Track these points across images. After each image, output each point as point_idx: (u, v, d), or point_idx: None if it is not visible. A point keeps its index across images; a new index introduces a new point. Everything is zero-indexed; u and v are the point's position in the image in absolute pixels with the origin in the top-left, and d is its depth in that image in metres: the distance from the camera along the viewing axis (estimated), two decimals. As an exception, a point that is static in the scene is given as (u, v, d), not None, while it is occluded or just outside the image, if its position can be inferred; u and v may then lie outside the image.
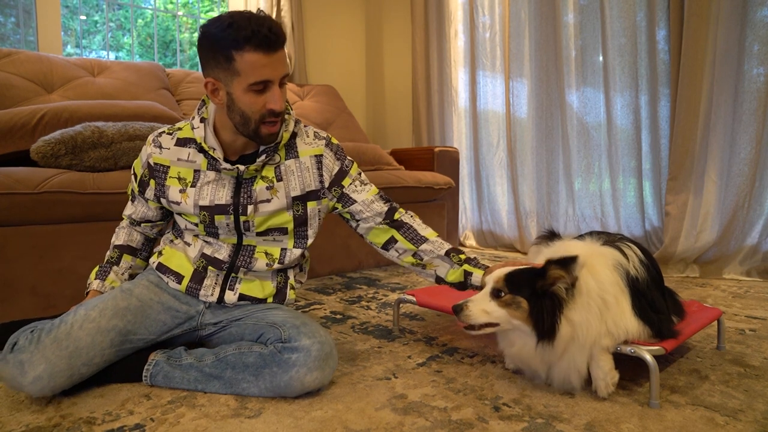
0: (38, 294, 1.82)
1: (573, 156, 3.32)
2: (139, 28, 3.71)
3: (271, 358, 1.21)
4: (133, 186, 1.44)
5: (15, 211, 1.76)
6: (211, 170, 1.32)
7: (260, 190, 1.33)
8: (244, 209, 1.32)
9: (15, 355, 1.16)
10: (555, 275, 1.16)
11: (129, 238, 1.50)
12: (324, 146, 1.40)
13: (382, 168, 3.14)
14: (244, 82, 1.18)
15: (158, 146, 1.35)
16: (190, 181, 1.32)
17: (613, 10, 3.03)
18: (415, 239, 1.43)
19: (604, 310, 1.18)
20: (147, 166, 1.36)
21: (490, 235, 3.85)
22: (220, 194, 1.32)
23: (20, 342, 1.18)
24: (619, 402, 1.20)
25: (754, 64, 2.59)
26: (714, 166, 2.71)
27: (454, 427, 1.09)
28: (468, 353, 1.54)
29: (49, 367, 1.15)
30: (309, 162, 1.37)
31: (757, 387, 1.30)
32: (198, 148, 1.32)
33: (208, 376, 1.25)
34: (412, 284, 2.51)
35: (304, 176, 1.37)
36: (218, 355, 1.27)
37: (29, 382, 1.14)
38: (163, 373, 1.28)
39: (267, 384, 1.20)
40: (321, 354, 1.21)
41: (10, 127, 2.01)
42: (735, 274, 2.68)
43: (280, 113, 1.24)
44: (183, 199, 1.33)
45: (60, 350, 1.17)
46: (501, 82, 3.71)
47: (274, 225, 1.37)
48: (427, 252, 1.41)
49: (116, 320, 1.26)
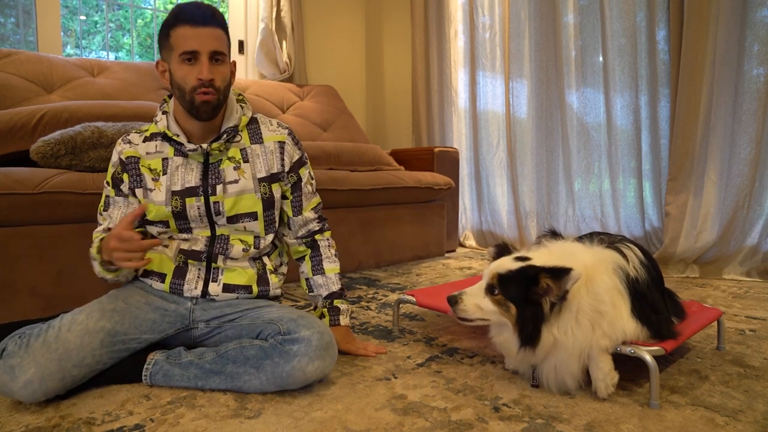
0: (38, 294, 1.82)
1: (573, 156, 3.32)
2: (139, 29, 3.71)
3: (272, 350, 1.23)
4: (106, 193, 1.44)
5: (15, 212, 1.76)
6: (178, 155, 1.38)
7: (228, 170, 1.40)
8: (213, 189, 1.38)
9: (5, 361, 1.16)
10: (544, 287, 1.15)
11: None
12: (287, 135, 1.50)
13: (382, 168, 3.14)
14: (176, 54, 1.29)
15: (127, 143, 1.41)
16: (160, 170, 1.38)
17: (613, 10, 3.03)
18: (316, 268, 1.55)
19: (599, 320, 1.17)
20: (119, 163, 1.40)
21: (490, 235, 3.85)
22: (189, 177, 1.38)
23: (9, 347, 1.18)
24: (619, 402, 1.20)
25: (754, 64, 2.59)
26: (714, 166, 2.71)
27: (453, 427, 1.09)
28: (468, 354, 1.54)
29: (39, 371, 1.15)
30: (273, 146, 1.46)
31: (757, 387, 1.29)
32: (163, 138, 1.39)
33: (208, 372, 1.26)
34: (412, 285, 2.51)
35: (268, 159, 1.45)
36: (218, 352, 1.28)
37: (20, 386, 1.14)
38: (163, 372, 1.28)
39: (269, 375, 1.22)
40: (321, 343, 1.23)
41: (10, 127, 2.01)
42: (735, 275, 2.68)
43: (210, 83, 1.29)
44: (157, 187, 1.37)
45: (50, 353, 1.17)
46: (501, 82, 3.71)
47: (242, 210, 1.41)
48: (316, 285, 1.55)
49: (104, 321, 1.27)
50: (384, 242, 2.99)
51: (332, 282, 1.54)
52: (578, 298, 1.16)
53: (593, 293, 1.18)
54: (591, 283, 1.19)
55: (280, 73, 3.76)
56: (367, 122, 4.54)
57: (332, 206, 2.55)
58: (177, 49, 1.29)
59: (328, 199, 2.20)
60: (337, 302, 1.53)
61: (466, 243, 3.97)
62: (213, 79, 1.29)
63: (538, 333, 1.15)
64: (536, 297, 1.16)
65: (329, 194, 2.53)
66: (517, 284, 1.18)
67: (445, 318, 1.92)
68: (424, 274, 2.80)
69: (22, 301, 1.79)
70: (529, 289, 1.17)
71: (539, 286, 1.15)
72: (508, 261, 1.24)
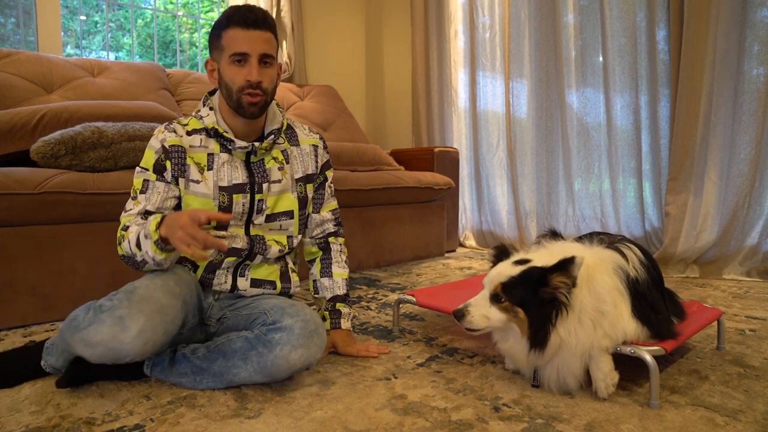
0: (38, 294, 1.82)
1: (573, 156, 3.33)
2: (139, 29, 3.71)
3: (256, 340, 1.23)
4: (145, 177, 1.35)
5: (15, 212, 1.76)
6: (224, 152, 1.39)
7: (273, 169, 1.44)
8: (259, 187, 1.41)
9: (111, 313, 1.12)
10: (557, 283, 1.15)
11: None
12: (318, 139, 1.58)
13: (382, 168, 3.14)
14: (227, 55, 1.32)
15: (172, 131, 1.38)
16: (205, 165, 1.38)
17: (613, 10, 3.03)
18: (324, 270, 1.59)
19: (600, 319, 1.18)
20: (162, 150, 1.36)
21: (490, 235, 3.85)
22: (236, 174, 1.39)
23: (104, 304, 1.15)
24: (619, 402, 1.20)
25: (753, 64, 2.59)
26: (714, 166, 2.71)
27: (453, 427, 1.09)
28: (468, 354, 1.54)
29: (149, 320, 1.13)
30: (308, 149, 1.53)
31: (757, 387, 1.30)
32: (208, 134, 1.39)
33: (198, 369, 1.27)
34: (412, 285, 2.51)
35: (305, 161, 1.52)
36: (209, 347, 1.30)
37: (133, 335, 1.10)
38: (161, 367, 1.30)
39: (255, 366, 1.22)
40: (304, 331, 1.22)
41: (10, 127, 2.01)
42: (735, 275, 2.68)
43: (257, 85, 1.32)
44: (203, 180, 1.37)
45: (151, 305, 1.16)
46: (501, 82, 3.71)
47: (281, 209, 1.46)
48: (321, 287, 1.58)
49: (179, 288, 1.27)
50: (384, 242, 2.99)
51: (338, 286, 1.57)
52: (580, 298, 1.16)
53: (595, 293, 1.18)
54: (592, 283, 1.19)
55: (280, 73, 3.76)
56: (367, 122, 4.54)
57: (332, 206, 2.55)
58: (228, 50, 1.31)
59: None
60: (339, 305, 1.55)
61: (466, 243, 3.97)
62: (261, 81, 1.32)
63: (547, 335, 1.15)
64: (548, 296, 1.15)
65: (329, 194, 2.53)
66: (523, 288, 1.18)
67: (445, 318, 1.92)
68: (424, 274, 2.80)
69: (22, 301, 1.79)
70: (536, 291, 1.16)
71: (551, 285, 1.15)
72: (507, 267, 1.23)
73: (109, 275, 1.96)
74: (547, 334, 1.15)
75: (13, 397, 1.23)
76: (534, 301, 1.16)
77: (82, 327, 1.13)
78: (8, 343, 1.62)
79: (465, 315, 1.22)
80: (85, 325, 1.12)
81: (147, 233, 1.22)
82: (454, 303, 1.62)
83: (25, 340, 1.65)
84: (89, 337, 1.11)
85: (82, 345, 1.12)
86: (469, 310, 1.23)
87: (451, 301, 1.66)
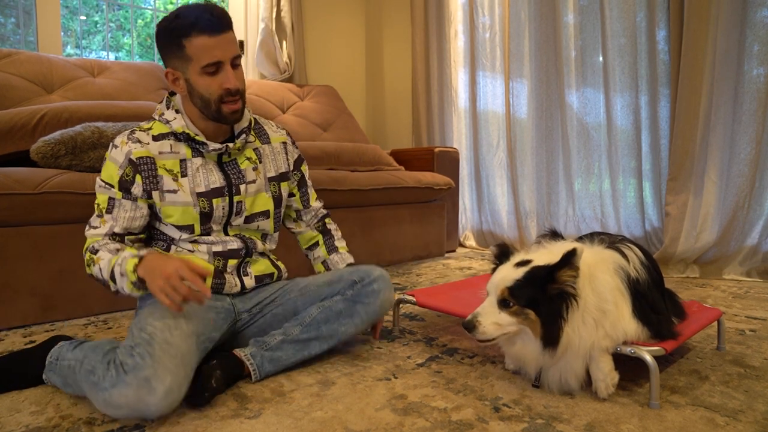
0: (38, 295, 1.82)
1: (573, 156, 3.32)
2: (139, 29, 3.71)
3: (359, 296, 1.44)
4: (109, 195, 1.31)
5: (15, 212, 1.76)
6: (196, 156, 1.35)
7: (248, 170, 1.42)
8: (237, 189, 1.39)
9: (135, 374, 1.04)
10: (565, 277, 1.14)
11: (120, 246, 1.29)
12: (286, 135, 1.57)
13: (382, 168, 3.14)
14: (197, 66, 1.25)
15: (136, 141, 1.31)
16: (179, 172, 1.33)
17: (613, 10, 3.03)
18: (330, 248, 1.67)
19: (602, 319, 1.17)
20: (129, 164, 1.29)
21: (490, 235, 3.85)
22: (212, 178, 1.36)
23: (127, 361, 1.07)
24: (619, 402, 1.20)
25: (754, 64, 2.59)
26: (714, 166, 2.71)
27: (454, 427, 1.09)
28: (468, 354, 1.54)
29: (175, 379, 1.07)
30: (279, 147, 1.52)
31: (758, 387, 1.29)
32: (177, 138, 1.34)
33: (306, 341, 1.38)
34: (412, 285, 2.51)
35: (276, 159, 1.51)
36: (303, 323, 1.40)
37: (160, 397, 1.04)
38: (268, 359, 1.33)
39: (363, 316, 1.44)
40: (386, 276, 1.51)
41: (10, 127, 2.01)
42: (735, 275, 2.68)
43: (237, 91, 1.29)
44: (179, 188, 1.32)
45: (174, 358, 1.09)
46: (501, 82, 3.71)
47: (258, 209, 1.45)
48: (333, 263, 1.66)
49: (190, 325, 1.22)
50: (384, 242, 2.99)
51: (347, 257, 1.67)
52: (583, 297, 1.16)
53: (597, 292, 1.18)
54: (594, 282, 1.19)
55: (280, 73, 3.76)
56: (367, 122, 4.54)
57: (332, 206, 2.54)
58: (198, 61, 1.24)
59: (328, 199, 2.20)
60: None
61: (466, 243, 3.97)
62: (238, 86, 1.29)
63: (561, 330, 1.14)
64: (555, 292, 1.15)
65: (329, 194, 2.53)
66: (530, 288, 1.17)
67: (446, 318, 1.92)
68: (424, 274, 2.80)
69: (21, 301, 1.79)
70: (544, 289, 1.16)
71: (559, 281, 1.15)
72: (511, 270, 1.21)
73: (109, 275, 1.96)
74: (560, 330, 1.14)
75: (13, 398, 1.23)
76: (543, 299, 1.16)
77: (104, 387, 1.06)
78: (8, 343, 1.62)
79: (476, 326, 1.19)
80: (107, 386, 1.06)
81: (123, 272, 1.19)
82: (454, 303, 1.63)
83: (24, 340, 1.65)
84: (113, 399, 1.05)
85: (104, 405, 1.07)
86: (479, 320, 1.19)
87: (451, 302, 1.66)
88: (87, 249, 1.29)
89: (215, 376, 1.20)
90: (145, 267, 1.16)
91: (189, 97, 1.32)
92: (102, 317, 1.93)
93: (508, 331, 1.20)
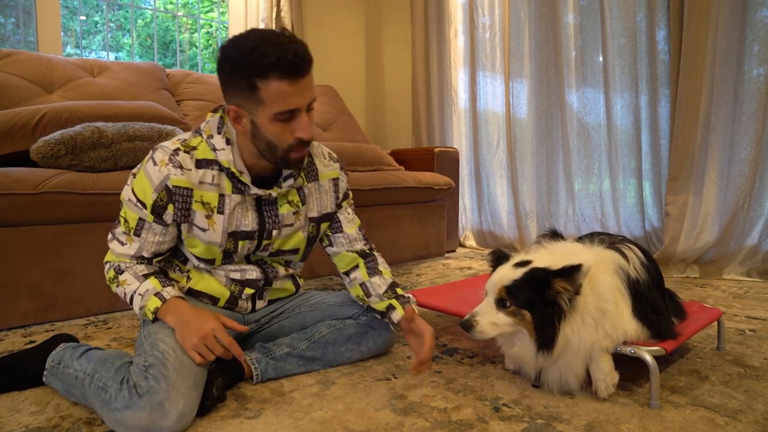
0: (38, 295, 1.82)
1: (573, 156, 3.33)
2: (139, 29, 3.71)
3: (371, 323, 1.43)
4: (140, 216, 1.21)
5: (15, 212, 1.76)
6: (236, 193, 1.25)
7: (287, 215, 1.33)
8: (269, 234, 1.32)
9: (149, 398, 1.02)
10: (559, 288, 1.14)
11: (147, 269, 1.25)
12: (339, 169, 1.44)
13: (382, 168, 3.14)
14: (269, 112, 1.12)
15: (178, 166, 1.18)
16: (215, 206, 1.23)
17: (613, 10, 3.03)
18: (372, 271, 1.43)
19: (602, 319, 1.17)
20: (164, 190, 1.18)
21: (490, 235, 3.85)
22: (246, 220, 1.27)
23: (140, 383, 1.04)
24: (619, 402, 1.20)
25: (754, 64, 2.59)
26: (714, 166, 2.71)
27: (454, 427, 1.09)
28: (468, 354, 1.54)
29: (188, 401, 1.06)
30: (328, 185, 1.40)
31: (757, 387, 1.29)
32: (221, 169, 1.23)
33: (310, 359, 1.37)
34: (412, 285, 2.51)
35: (322, 199, 1.40)
36: (311, 339, 1.38)
37: (173, 421, 1.03)
38: (272, 367, 1.32)
39: (370, 345, 1.43)
40: None
41: (10, 127, 2.01)
42: (735, 275, 2.68)
43: (310, 140, 1.19)
44: (210, 226, 1.23)
45: (187, 380, 1.08)
46: (501, 82, 3.71)
47: (288, 247, 1.39)
48: (373, 286, 1.41)
49: None
50: (384, 242, 2.99)
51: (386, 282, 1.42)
52: (583, 297, 1.16)
53: (597, 292, 1.18)
54: (594, 282, 1.19)
55: (280, 73, 3.75)
56: (367, 122, 4.54)
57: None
58: (271, 107, 1.11)
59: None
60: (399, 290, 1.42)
61: (466, 243, 3.97)
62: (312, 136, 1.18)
63: (554, 335, 1.14)
64: (550, 298, 1.15)
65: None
66: (527, 290, 1.16)
67: (445, 318, 1.92)
68: (424, 274, 2.80)
69: (22, 301, 1.79)
70: (541, 292, 1.15)
71: (553, 289, 1.14)
72: (509, 270, 1.21)
73: (109, 275, 1.96)
74: (554, 334, 1.14)
75: (13, 398, 1.23)
76: (539, 302, 1.15)
77: (116, 408, 1.04)
78: (8, 343, 1.62)
79: (474, 326, 1.19)
80: (119, 407, 1.04)
81: (143, 307, 1.19)
82: (454, 303, 1.63)
83: (24, 340, 1.65)
84: (125, 420, 1.03)
85: (115, 424, 1.05)
86: (476, 320, 1.20)
87: (451, 302, 1.66)
88: (112, 266, 1.25)
89: (216, 384, 1.18)
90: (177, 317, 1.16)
91: (251, 138, 1.19)
92: (102, 317, 1.93)
93: (506, 331, 1.20)
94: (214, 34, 3.90)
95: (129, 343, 1.61)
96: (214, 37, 3.91)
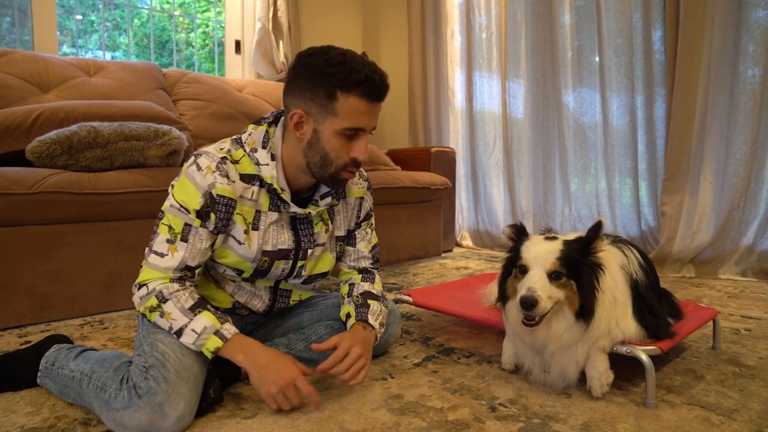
0: (34, 295, 1.81)
1: (569, 156, 3.33)
2: (136, 28, 3.70)
3: None
4: (186, 221, 1.15)
5: (10, 212, 1.75)
6: (273, 210, 1.23)
7: (320, 233, 1.31)
8: (304, 253, 1.29)
9: (148, 399, 1.02)
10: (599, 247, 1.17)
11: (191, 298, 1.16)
12: (366, 189, 1.42)
13: (379, 168, 3.14)
14: (339, 125, 1.13)
15: (225, 176, 1.15)
16: (251, 222, 1.21)
17: (609, 11, 3.04)
18: (365, 278, 1.42)
19: (613, 307, 1.18)
20: (208, 197, 1.14)
21: (487, 235, 3.86)
22: (282, 238, 1.25)
23: (140, 384, 1.04)
24: (615, 402, 1.20)
25: (749, 65, 2.60)
26: (710, 166, 2.72)
27: (450, 427, 1.09)
28: (464, 353, 1.54)
29: (188, 403, 1.06)
30: (354, 203, 1.40)
31: (753, 387, 1.30)
32: (263, 187, 1.21)
33: (306, 361, 1.33)
34: (409, 284, 2.51)
35: (348, 216, 1.39)
36: (308, 340, 1.37)
37: (173, 422, 1.03)
38: None
39: None
40: (398, 311, 1.51)
41: (6, 127, 2.00)
42: (730, 274, 2.69)
43: (360, 164, 1.20)
44: (246, 241, 1.21)
45: (187, 382, 1.08)
46: (497, 82, 3.72)
47: (319, 270, 1.36)
48: (357, 287, 1.38)
49: None
50: (381, 242, 2.98)
51: (377, 290, 1.40)
52: (603, 280, 1.17)
53: (612, 278, 1.20)
54: (609, 269, 1.20)
55: (276, 73, 3.75)
56: (364, 122, 4.53)
57: (329, 206, 2.55)
58: (342, 120, 1.12)
59: (325, 199, 2.19)
60: (371, 301, 1.35)
61: (462, 243, 3.97)
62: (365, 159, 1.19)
63: (596, 299, 1.15)
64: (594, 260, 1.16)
65: (326, 194, 2.53)
66: (575, 259, 1.15)
67: (442, 318, 1.92)
68: (421, 274, 2.80)
69: (18, 301, 1.78)
70: (583, 260, 1.15)
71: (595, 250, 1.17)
72: (550, 244, 1.18)
73: (105, 275, 1.95)
74: (595, 299, 1.15)
75: (8, 398, 1.22)
76: (583, 271, 1.15)
77: (116, 408, 1.03)
78: (3, 343, 1.62)
79: (539, 301, 1.10)
80: (118, 407, 1.03)
81: (199, 346, 1.12)
82: (450, 303, 1.63)
83: (20, 340, 1.65)
84: (124, 421, 1.02)
85: (114, 424, 1.04)
86: (539, 295, 1.10)
87: (447, 301, 1.66)
88: (152, 292, 1.14)
89: (213, 386, 1.17)
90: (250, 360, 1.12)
91: (306, 147, 1.17)
92: (98, 317, 1.93)
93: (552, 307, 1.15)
94: (210, 34, 3.90)
95: (125, 343, 1.61)
96: (210, 36, 3.90)
